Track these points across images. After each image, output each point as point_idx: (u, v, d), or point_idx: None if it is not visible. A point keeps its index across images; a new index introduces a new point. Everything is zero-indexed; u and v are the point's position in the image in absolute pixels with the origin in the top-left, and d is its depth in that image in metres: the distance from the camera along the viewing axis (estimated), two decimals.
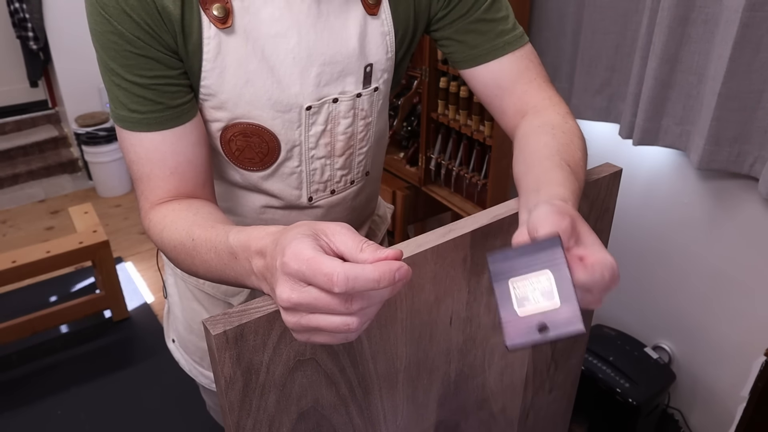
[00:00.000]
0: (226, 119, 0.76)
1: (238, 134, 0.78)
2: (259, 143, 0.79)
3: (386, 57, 0.80)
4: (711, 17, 1.36)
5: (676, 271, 1.70)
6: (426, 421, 0.74)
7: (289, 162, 0.81)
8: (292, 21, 0.72)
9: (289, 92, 0.75)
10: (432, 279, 0.62)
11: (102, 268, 2.34)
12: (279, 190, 0.84)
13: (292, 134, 0.79)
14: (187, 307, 1.04)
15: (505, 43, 0.79)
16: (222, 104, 0.75)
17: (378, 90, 0.82)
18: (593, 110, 1.71)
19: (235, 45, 0.72)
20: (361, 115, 0.82)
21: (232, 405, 0.53)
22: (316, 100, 0.77)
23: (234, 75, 0.73)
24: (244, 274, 0.56)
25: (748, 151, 1.40)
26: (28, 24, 3.37)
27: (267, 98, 0.75)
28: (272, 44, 0.73)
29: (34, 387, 2.18)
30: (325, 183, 0.86)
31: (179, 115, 0.72)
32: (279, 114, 0.76)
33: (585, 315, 0.88)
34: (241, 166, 0.81)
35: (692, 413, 1.78)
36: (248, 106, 0.75)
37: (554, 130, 0.71)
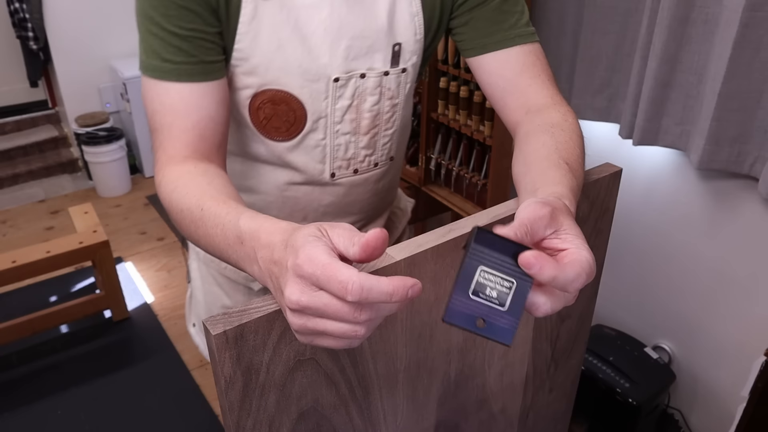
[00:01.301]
0: (256, 85, 0.79)
1: (266, 101, 0.80)
2: (287, 111, 0.81)
3: (415, 38, 0.82)
4: (711, 17, 1.36)
5: (676, 271, 1.70)
6: (426, 421, 0.74)
7: (315, 134, 0.83)
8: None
9: (319, 62, 0.78)
10: (432, 279, 0.62)
11: (102, 268, 2.34)
12: (303, 163, 0.86)
13: (319, 105, 0.81)
14: (209, 291, 1.05)
15: (516, 36, 0.81)
16: (253, 69, 0.77)
17: (406, 72, 0.84)
18: (593, 110, 1.71)
19: (270, 11, 0.75)
20: (388, 94, 0.84)
21: (232, 405, 0.53)
22: (344, 72, 0.80)
23: (267, 40, 0.76)
24: (247, 261, 0.55)
25: (748, 151, 1.40)
26: (28, 24, 3.37)
27: (297, 66, 0.78)
28: (305, 14, 0.76)
29: (34, 387, 2.18)
30: (349, 161, 0.87)
31: (209, 72, 0.74)
32: (307, 83, 0.79)
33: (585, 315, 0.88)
34: (267, 135, 0.83)
35: (692, 413, 1.78)
36: (278, 72, 0.78)
37: (553, 128, 0.71)
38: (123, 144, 3.53)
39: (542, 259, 0.45)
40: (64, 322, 2.36)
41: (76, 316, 2.37)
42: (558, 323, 0.83)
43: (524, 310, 0.47)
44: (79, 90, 3.61)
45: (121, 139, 3.51)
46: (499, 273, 0.46)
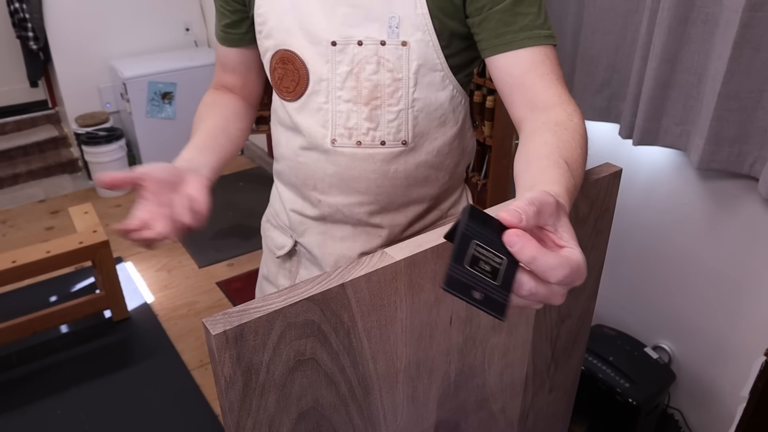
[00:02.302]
0: (273, 47, 0.91)
1: (279, 61, 0.91)
2: (293, 70, 0.90)
3: (415, 12, 0.83)
4: (711, 17, 1.36)
5: (676, 271, 1.70)
6: (426, 421, 0.74)
7: (317, 97, 0.90)
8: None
9: (318, 26, 0.86)
10: (432, 279, 0.62)
11: (102, 268, 2.34)
12: (308, 126, 0.92)
13: (321, 68, 0.88)
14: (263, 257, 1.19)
15: (526, 38, 0.81)
16: (270, 32, 0.90)
17: (407, 45, 0.85)
18: (593, 110, 1.71)
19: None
20: (387, 66, 0.86)
21: (232, 405, 0.53)
22: (341, 37, 0.85)
23: (279, 4, 0.88)
24: None
25: (748, 151, 1.40)
26: (28, 24, 3.37)
27: (300, 28, 0.87)
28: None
29: (34, 387, 2.18)
30: (350, 130, 0.90)
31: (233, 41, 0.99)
32: (309, 45, 0.87)
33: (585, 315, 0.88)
34: (281, 95, 0.95)
35: (692, 413, 1.78)
36: (286, 33, 0.88)
37: (557, 127, 0.72)
38: (123, 144, 3.53)
39: (525, 238, 0.46)
40: (64, 322, 2.36)
41: (76, 316, 2.36)
42: (558, 323, 0.83)
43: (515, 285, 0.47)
44: (79, 90, 3.61)
45: (121, 139, 3.51)
46: (491, 249, 0.47)
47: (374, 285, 0.57)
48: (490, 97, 1.77)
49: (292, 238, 1.06)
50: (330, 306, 0.55)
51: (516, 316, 0.75)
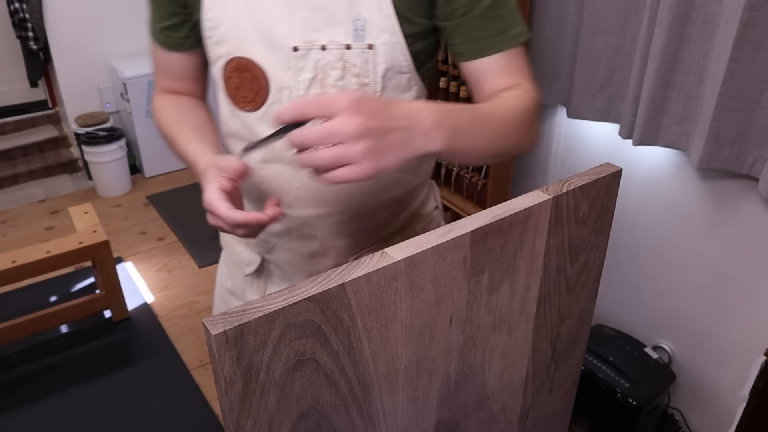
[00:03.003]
0: (226, 54, 0.85)
1: (234, 69, 0.85)
2: (251, 79, 0.84)
3: (381, 14, 0.80)
4: (711, 17, 1.36)
5: (676, 271, 1.70)
6: (426, 421, 0.74)
7: (279, 105, 0.84)
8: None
9: (279, 31, 0.81)
10: (432, 279, 0.62)
11: (102, 268, 2.34)
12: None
13: (281, 75, 0.82)
14: (222, 271, 1.14)
15: (501, 41, 0.82)
16: (222, 37, 0.84)
17: (374, 49, 0.81)
18: (593, 110, 1.71)
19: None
20: (353, 71, 0.82)
21: (232, 405, 0.53)
22: (303, 42, 0.81)
23: (233, 8, 0.82)
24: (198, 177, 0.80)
25: (748, 151, 1.40)
26: (28, 24, 3.37)
27: (257, 33, 0.82)
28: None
29: (34, 387, 2.18)
30: None
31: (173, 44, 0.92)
32: (268, 51, 0.82)
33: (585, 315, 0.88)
34: (238, 106, 0.88)
35: (692, 413, 1.78)
36: (242, 40, 0.83)
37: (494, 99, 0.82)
38: (123, 144, 3.53)
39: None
40: (64, 322, 2.36)
41: (76, 316, 2.37)
42: (558, 323, 0.83)
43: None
44: (79, 90, 3.61)
45: (121, 139, 3.51)
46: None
47: (374, 285, 0.57)
48: None
49: (260, 255, 1.02)
50: (330, 306, 0.55)
51: (516, 316, 0.75)
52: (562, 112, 1.87)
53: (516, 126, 0.78)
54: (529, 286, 0.74)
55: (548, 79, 1.83)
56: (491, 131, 0.74)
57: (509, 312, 0.74)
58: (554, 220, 0.71)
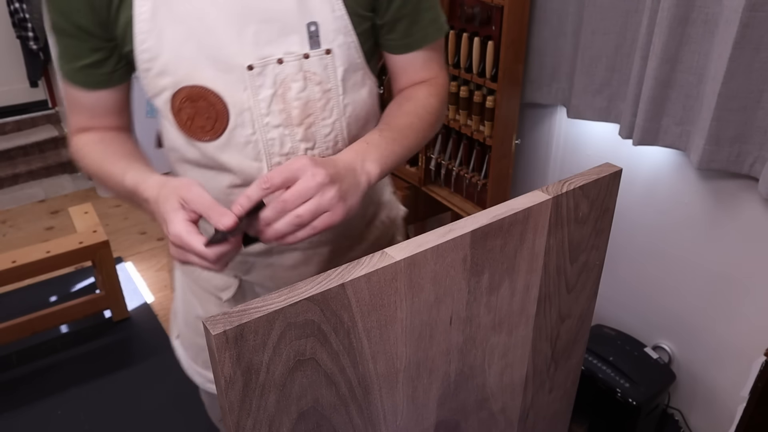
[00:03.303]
0: (172, 85, 0.78)
1: (185, 100, 0.78)
2: (207, 107, 0.78)
3: (334, 15, 0.78)
4: (711, 17, 1.36)
5: (676, 271, 1.70)
6: (426, 421, 0.74)
7: (242, 129, 0.80)
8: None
9: (228, 51, 0.76)
10: (432, 279, 0.62)
11: (102, 268, 2.34)
12: (237, 163, 0.82)
13: (239, 97, 0.78)
14: (187, 300, 1.04)
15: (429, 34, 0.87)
16: (164, 68, 0.77)
17: (331, 53, 0.79)
18: (593, 110, 1.71)
19: (169, 4, 0.74)
20: (315, 79, 0.80)
21: (232, 405, 0.53)
22: (257, 59, 0.76)
23: (172, 35, 0.75)
24: (142, 207, 0.77)
25: (748, 151, 1.40)
26: (28, 24, 3.36)
27: (206, 57, 0.76)
28: (206, 3, 0.75)
29: (34, 387, 2.18)
30: (287, 156, 0.82)
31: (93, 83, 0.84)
32: (221, 74, 0.76)
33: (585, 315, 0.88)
34: (195, 137, 0.81)
35: (692, 413, 1.78)
36: (189, 68, 0.76)
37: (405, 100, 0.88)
38: None
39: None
40: (64, 322, 2.36)
41: (76, 316, 2.36)
42: (558, 323, 0.83)
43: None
44: None
45: None
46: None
47: (374, 285, 0.57)
48: (490, 97, 1.77)
49: (237, 277, 0.96)
50: (330, 306, 0.55)
51: (516, 316, 0.75)
52: (562, 112, 1.87)
53: (429, 124, 0.86)
54: (529, 286, 0.74)
55: (548, 79, 1.83)
56: (407, 143, 0.82)
57: (509, 312, 0.74)
58: (554, 220, 0.71)
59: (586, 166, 1.82)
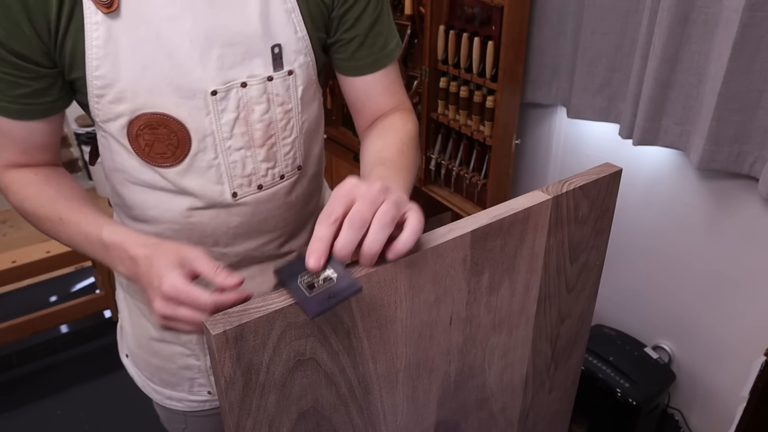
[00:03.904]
0: (129, 112, 0.74)
1: (144, 127, 0.75)
2: (168, 134, 0.75)
3: (296, 36, 0.78)
4: (711, 17, 1.36)
5: (676, 271, 1.70)
6: (426, 421, 0.74)
7: (204, 154, 0.78)
8: (185, 2, 0.70)
9: (191, 77, 0.73)
10: (432, 279, 0.62)
11: (102, 268, 2.34)
12: (199, 186, 0.80)
13: (201, 122, 0.75)
14: (136, 323, 1.01)
15: (384, 57, 0.86)
16: (121, 95, 0.73)
17: (293, 74, 0.79)
18: (593, 110, 1.71)
19: (126, 28, 0.70)
20: (278, 101, 0.79)
21: (232, 405, 0.53)
22: (221, 84, 0.74)
23: (130, 61, 0.71)
24: (113, 263, 0.70)
25: (748, 151, 1.40)
26: None
27: (167, 84, 0.72)
28: (167, 27, 0.71)
29: (34, 387, 2.18)
30: (249, 177, 0.82)
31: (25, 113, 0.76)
32: (183, 100, 0.74)
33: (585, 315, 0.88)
34: (154, 163, 0.78)
35: (692, 413, 1.78)
36: (149, 94, 0.73)
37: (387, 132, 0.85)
38: None
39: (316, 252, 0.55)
40: (64, 322, 2.36)
41: (76, 316, 2.36)
42: (558, 323, 0.83)
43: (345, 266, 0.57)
44: None
45: None
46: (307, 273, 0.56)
47: (374, 285, 0.57)
48: (490, 97, 1.77)
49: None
50: None
51: (516, 316, 0.75)
52: (562, 112, 1.87)
53: (413, 150, 0.84)
54: (529, 286, 0.74)
55: (548, 79, 1.83)
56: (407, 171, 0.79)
57: (509, 312, 0.74)
58: (554, 220, 0.71)
59: (586, 166, 1.82)
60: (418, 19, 1.96)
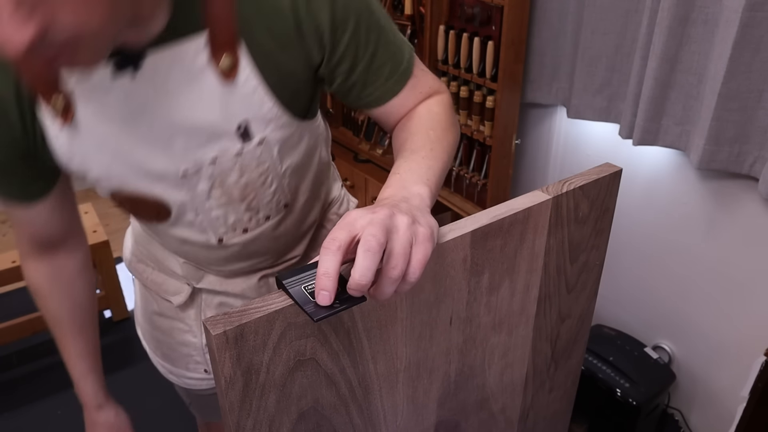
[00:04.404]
0: (107, 191, 0.79)
1: (124, 200, 0.80)
2: (147, 204, 0.79)
3: (263, 111, 0.73)
4: (711, 17, 1.36)
5: (676, 271, 1.70)
6: (426, 421, 0.74)
7: (186, 215, 0.81)
8: (141, 100, 0.69)
9: (158, 165, 0.74)
10: (432, 279, 0.62)
11: (102, 268, 2.34)
12: (187, 235, 0.85)
13: (176, 195, 0.78)
14: (143, 295, 1.10)
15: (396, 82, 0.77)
16: (96, 180, 0.77)
17: (265, 141, 0.76)
18: (593, 110, 1.71)
19: (86, 134, 0.71)
20: (252, 165, 0.78)
21: (232, 405, 0.53)
22: (190, 164, 0.75)
23: (96, 158, 0.74)
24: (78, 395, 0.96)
25: (748, 151, 1.40)
26: None
27: (136, 172, 0.75)
28: (126, 128, 0.71)
29: (34, 387, 2.18)
30: (234, 225, 0.84)
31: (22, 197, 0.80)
32: (155, 182, 0.76)
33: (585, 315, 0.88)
34: (138, 219, 0.88)
35: (692, 413, 1.78)
36: (121, 181, 0.76)
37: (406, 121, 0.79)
38: None
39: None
40: None
41: None
42: (558, 323, 0.83)
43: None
44: None
45: None
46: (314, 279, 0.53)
47: None
48: (490, 97, 1.77)
49: (189, 285, 0.98)
50: None
51: (516, 316, 0.75)
52: (562, 112, 1.87)
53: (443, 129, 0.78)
54: (529, 286, 0.74)
55: (548, 79, 1.83)
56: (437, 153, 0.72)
57: (509, 312, 0.74)
58: (554, 220, 0.71)
59: (586, 166, 1.82)
60: (418, 19, 1.96)
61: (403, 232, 0.52)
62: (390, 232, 0.52)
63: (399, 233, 0.52)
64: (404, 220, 0.53)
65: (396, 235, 0.52)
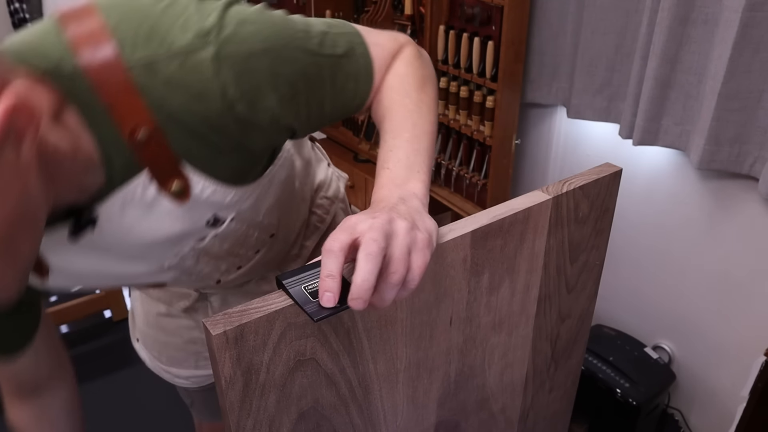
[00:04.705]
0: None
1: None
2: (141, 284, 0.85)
3: (227, 199, 0.70)
4: (711, 17, 1.36)
5: (676, 271, 1.70)
6: (426, 421, 0.74)
7: (180, 280, 0.84)
8: (107, 240, 0.68)
9: (140, 269, 0.75)
10: (432, 279, 0.62)
11: None
12: (186, 286, 0.93)
13: (165, 276, 0.80)
14: (145, 302, 1.08)
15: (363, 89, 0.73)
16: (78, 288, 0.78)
17: (236, 215, 0.74)
18: (593, 110, 1.71)
19: (64, 275, 0.71)
20: (231, 235, 0.77)
21: (232, 405, 0.53)
22: (171, 259, 0.75)
23: (77, 281, 0.75)
24: None
25: (748, 151, 1.40)
26: (28, 24, 3.36)
27: (119, 279, 0.79)
28: (101, 258, 0.71)
29: None
30: (227, 269, 0.86)
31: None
32: (141, 278, 0.80)
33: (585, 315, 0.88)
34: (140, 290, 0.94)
35: (692, 413, 1.78)
36: (106, 286, 0.82)
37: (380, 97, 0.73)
38: None
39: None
40: (64, 322, 2.36)
41: (76, 316, 2.36)
42: (558, 323, 0.83)
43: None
44: None
45: None
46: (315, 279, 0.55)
47: None
48: (490, 97, 1.77)
49: (197, 291, 1.00)
50: None
51: (516, 316, 0.75)
52: (562, 112, 1.87)
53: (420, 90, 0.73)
54: (529, 286, 0.74)
55: (548, 79, 1.83)
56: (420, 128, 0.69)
57: (509, 312, 0.74)
58: (554, 220, 0.71)
59: (586, 166, 1.82)
60: (418, 19, 1.96)
61: (403, 237, 0.52)
62: (390, 237, 0.52)
63: (398, 239, 0.52)
64: (403, 226, 0.53)
65: (395, 240, 0.52)
